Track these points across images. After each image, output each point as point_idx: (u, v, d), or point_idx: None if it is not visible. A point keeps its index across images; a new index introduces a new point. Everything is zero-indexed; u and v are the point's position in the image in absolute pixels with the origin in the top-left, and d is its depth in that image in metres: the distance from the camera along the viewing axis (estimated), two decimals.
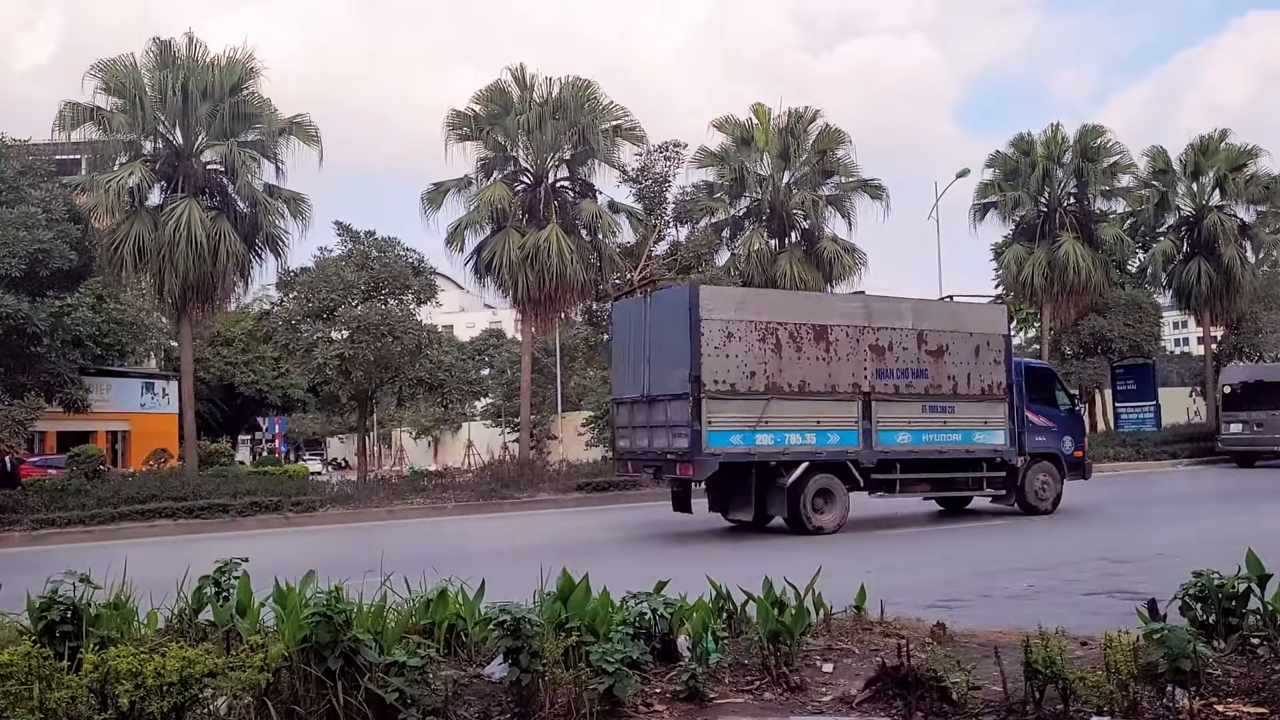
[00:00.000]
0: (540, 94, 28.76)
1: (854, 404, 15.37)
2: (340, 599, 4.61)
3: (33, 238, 20.13)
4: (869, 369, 15.48)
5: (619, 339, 16.86)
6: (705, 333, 14.39)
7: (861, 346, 15.47)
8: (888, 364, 15.63)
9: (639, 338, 15.75)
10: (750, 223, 32.51)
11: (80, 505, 19.65)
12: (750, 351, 14.68)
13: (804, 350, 15.05)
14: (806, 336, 15.10)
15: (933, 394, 15.99)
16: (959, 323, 16.58)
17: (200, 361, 40.66)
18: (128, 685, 4.14)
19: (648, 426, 15.64)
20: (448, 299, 57.53)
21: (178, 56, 26.10)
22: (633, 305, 16.95)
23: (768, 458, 14.83)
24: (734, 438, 14.57)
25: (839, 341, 15.32)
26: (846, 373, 15.33)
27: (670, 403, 14.89)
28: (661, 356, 15.11)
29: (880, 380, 15.54)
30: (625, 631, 5.09)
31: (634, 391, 15.92)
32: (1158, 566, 10.20)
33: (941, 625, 6.33)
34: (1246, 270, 35.98)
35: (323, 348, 24.88)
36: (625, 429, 16.50)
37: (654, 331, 15.37)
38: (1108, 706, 4.53)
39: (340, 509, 21.04)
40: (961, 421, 16.24)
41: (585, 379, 53.93)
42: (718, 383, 14.42)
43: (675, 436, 14.81)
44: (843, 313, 15.80)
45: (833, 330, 15.31)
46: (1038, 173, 35.04)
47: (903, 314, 16.15)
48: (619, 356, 16.78)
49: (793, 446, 14.93)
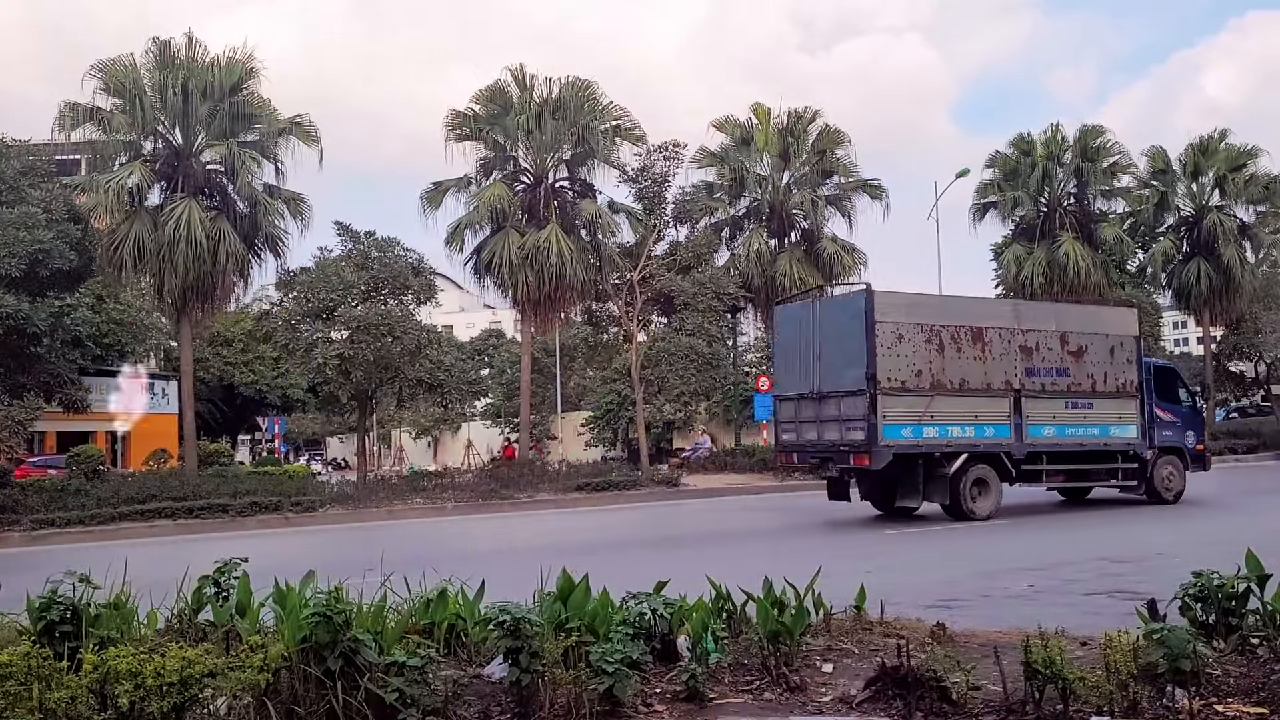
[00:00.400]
0: (540, 94, 28.78)
1: (1006, 400, 16.74)
2: (340, 599, 4.60)
3: (33, 238, 20.12)
4: (1019, 368, 16.85)
5: (784, 339, 18.01)
6: (879, 334, 15.70)
7: (1012, 347, 16.85)
8: (1035, 363, 17.02)
9: (808, 338, 16.94)
10: (750, 223, 32.52)
11: (80, 505, 19.66)
12: (917, 351, 16.02)
13: (963, 350, 16.44)
14: (965, 338, 16.49)
15: (1074, 391, 17.35)
16: (1096, 325, 18.03)
17: (200, 361, 40.65)
18: (127, 685, 4.14)
19: (816, 421, 16.86)
20: (447, 299, 57.57)
21: (177, 56, 26.12)
22: (800, 309, 18.06)
23: (932, 449, 16.18)
24: (904, 430, 15.94)
25: (993, 342, 16.69)
26: (999, 371, 16.71)
27: (843, 398, 16.19)
28: (833, 355, 16.37)
29: (1029, 378, 16.92)
30: (625, 631, 5.08)
31: (802, 388, 17.04)
32: (1158, 566, 10.20)
33: (941, 625, 6.33)
34: (1246, 270, 35.99)
35: (322, 348, 24.88)
36: (790, 423, 17.62)
37: (825, 332, 16.60)
38: (1107, 706, 4.52)
39: (340, 509, 21.04)
40: (1099, 417, 17.58)
41: (585, 379, 53.93)
42: (890, 380, 15.75)
43: (849, 430, 16.12)
44: (996, 316, 17.26)
45: (987, 332, 16.67)
46: (1037, 173, 35.07)
47: (1047, 317, 17.79)
48: (784, 355, 18.00)
49: (954, 439, 16.33)
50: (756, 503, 22.40)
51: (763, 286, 31.20)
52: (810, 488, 25.25)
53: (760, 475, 27.13)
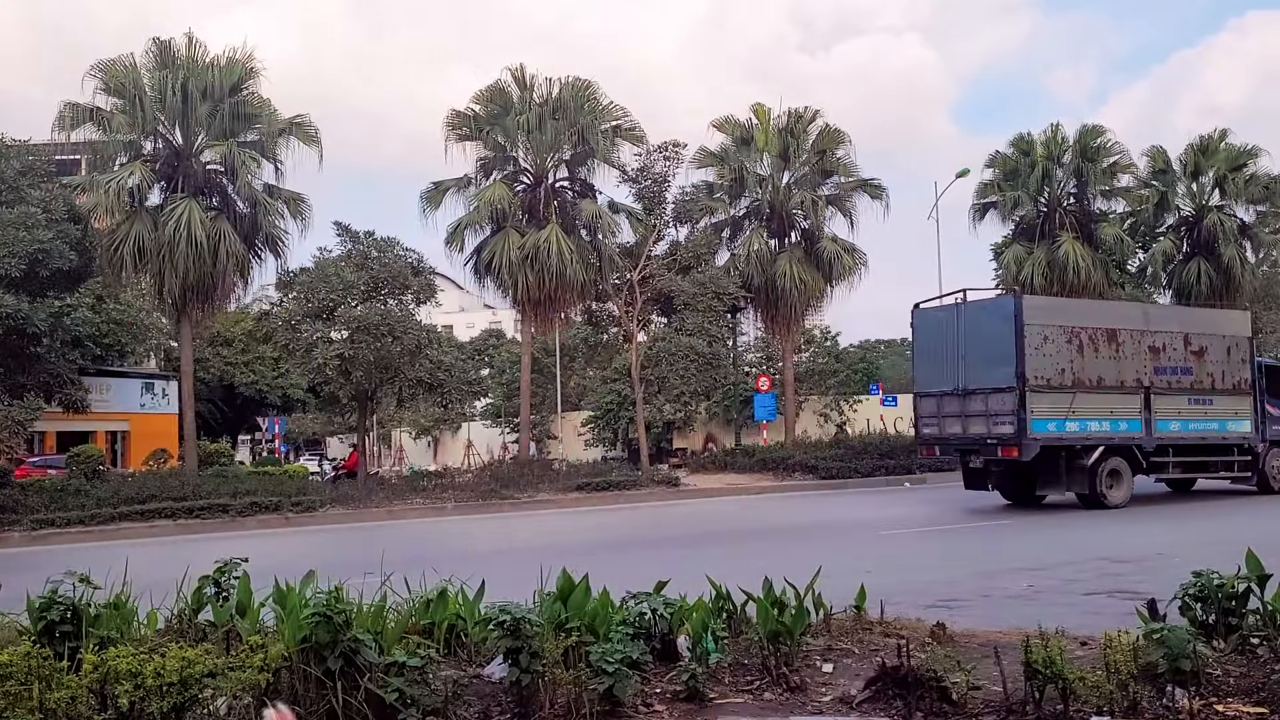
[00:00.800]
0: (540, 94, 28.77)
1: (1137, 397, 18.15)
2: (340, 599, 4.60)
3: (33, 238, 20.12)
4: (1148, 366, 18.31)
5: (924, 340, 19.27)
6: (1028, 336, 17.09)
7: (1142, 347, 18.30)
8: (1162, 362, 18.50)
9: (951, 339, 18.29)
10: (750, 223, 32.48)
11: (80, 505, 19.65)
12: (1060, 352, 17.44)
13: (1099, 350, 17.85)
14: (1101, 339, 17.90)
15: (1196, 388, 18.82)
16: (1215, 327, 19.59)
17: (200, 361, 40.63)
18: (127, 685, 4.14)
19: (961, 415, 18.16)
20: (447, 299, 57.52)
21: (177, 57, 26.11)
22: (941, 312, 19.45)
23: (1073, 442, 17.49)
24: (1050, 425, 17.26)
25: (1125, 343, 18.13)
26: (1131, 370, 18.15)
27: (990, 395, 17.51)
28: (978, 355, 17.71)
29: (1157, 376, 18.37)
30: (625, 631, 5.08)
31: (944, 385, 18.41)
32: (1158, 566, 10.20)
33: (941, 625, 6.33)
34: (1246, 270, 35.94)
35: (322, 348, 24.88)
36: (932, 418, 18.90)
37: (970, 334, 17.98)
38: (1108, 706, 4.52)
39: (340, 509, 21.04)
40: (1218, 412, 19.03)
41: (585, 379, 53.91)
42: (1037, 378, 17.13)
43: (996, 424, 17.42)
44: (1127, 319, 18.76)
45: (1120, 334, 18.12)
46: (1037, 173, 35.02)
47: (1172, 319, 19.52)
48: (924, 355, 19.23)
49: (1091, 433, 17.64)
50: (757, 503, 22.41)
51: (763, 286, 31.18)
52: (810, 487, 25.29)
53: (760, 475, 27.13)
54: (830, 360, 44.81)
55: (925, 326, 19.33)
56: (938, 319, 19.11)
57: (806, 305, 32.52)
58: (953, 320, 18.57)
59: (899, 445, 28.52)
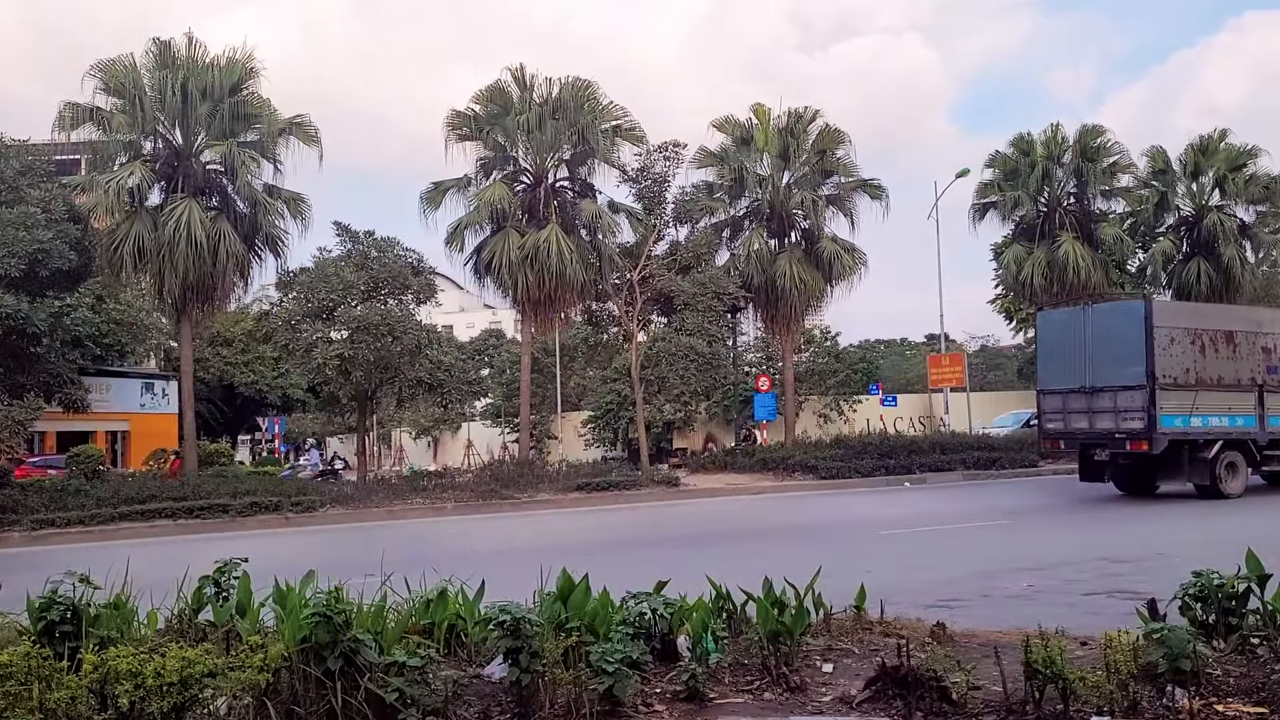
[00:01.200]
0: (540, 94, 28.76)
1: (1251, 394, 19.31)
2: (340, 599, 4.60)
3: (32, 238, 20.11)
4: (1261, 366, 19.50)
5: (1049, 341, 20.66)
6: (1157, 338, 18.31)
7: (1256, 348, 19.50)
8: (1273, 361, 19.66)
9: (1077, 340, 19.41)
10: (750, 223, 32.48)
11: (80, 505, 19.65)
12: (1184, 352, 18.69)
13: (1219, 351, 19.10)
14: (1220, 340, 19.15)
15: None
16: None
17: (200, 361, 40.62)
18: (128, 685, 4.14)
19: (1087, 412, 19.33)
20: (447, 299, 57.53)
21: (177, 56, 26.11)
22: (1067, 314, 20.79)
23: (1196, 436, 18.70)
24: (1176, 421, 18.47)
25: (1240, 344, 19.32)
26: (1246, 369, 19.34)
27: (1119, 392, 18.72)
28: (1106, 355, 18.90)
29: (1269, 375, 19.50)
30: (625, 631, 5.08)
31: (1071, 384, 19.57)
32: (1158, 566, 10.20)
33: (941, 625, 6.33)
34: (1246, 270, 35.95)
35: (322, 348, 24.87)
36: (1057, 414, 20.05)
37: (1098, 335, 19.14)
38: (1108, 706, 4.52)
39: (340, 509, 21.04)
40: None
41: (585, 379, 53.89)
42: (1165, 377, 18.36)
43: (1125, 419, 18.61)
44: (1241, 321, 20.02)
45: (1236, 335, 19.35)
46: (1037, 173, 35.02)
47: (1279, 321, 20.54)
48: (1049, 355, 20.53)
49: (1211, 428, 18.82)
50: (757, 503, 22.41)
51: (763, 286, 31.17)
52: (810, 487, 25.28)
53: (760, 475, 27.12)
54: (830, 360, 44.81)
55: (1048, 328, 20.88)
56: (1062, 321, 20.49)
57: (806, 305, 32.52)
58: (1078, 322, 19.72)
59: (899, 445, 28.52)
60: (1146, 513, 17.45)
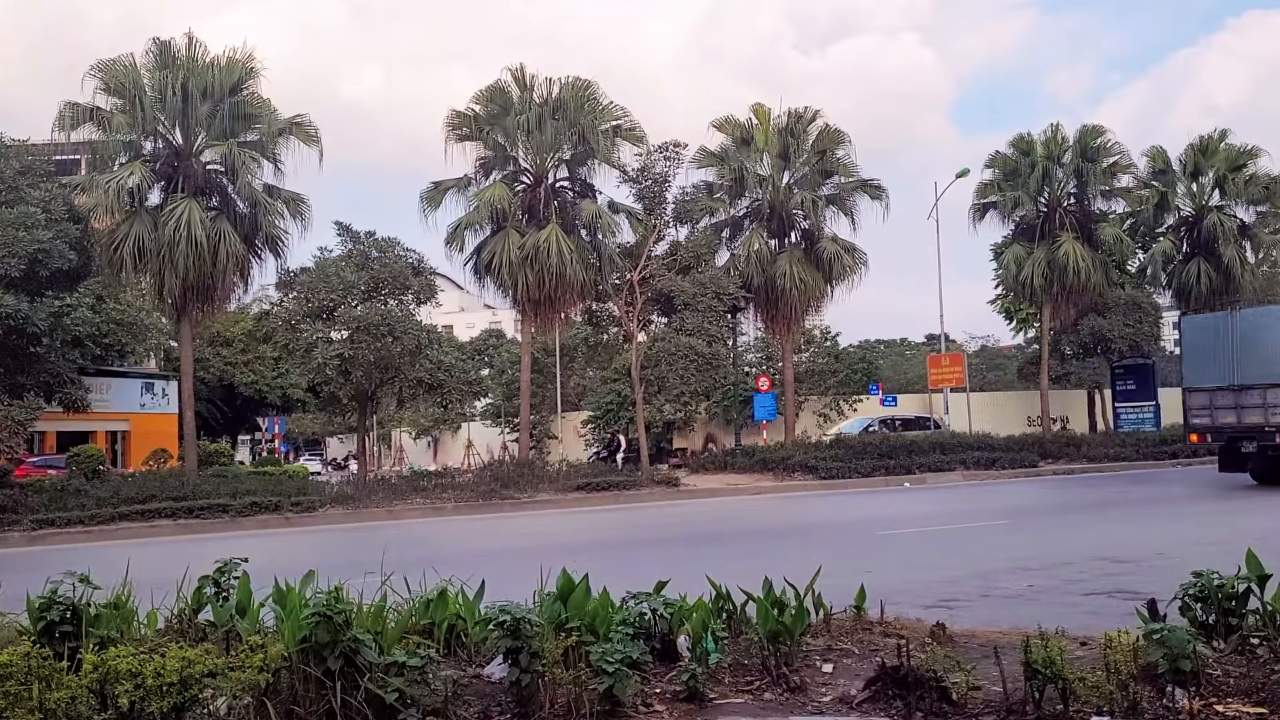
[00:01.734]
0: (540, 94, 28.76)
1: None
2: (340, 599, 4.60)
3: (32, 238, 20.11)
4: None
5: (1194, 343, 22.11)
6: None
7: None
8: None
9: (1225, 342, 20.87)
10: (750, 223, 32.47)
11: (80, 505, 19.65)
12: None
13: None
14: None
15: None
16: None
17: (200, 361, 40.64)
18: (128, 685, 4.14)
19: (1235, 408, 20.71)
20: (447, 299, 57.52)
21: (177, 57, 26.10)
22: (1213, 319, 22.91)
23: None
24: None
25: None
26: None
27: (1269, 389, 20.08)
28: (1255, 355, 20.30)
29: None
30: (625, 631, 5.08)
31: (1218, 381, 21.01)
32: (1158, 566, 10.19)
33: (941, 625, 6.32)
34: (1246, 270, 35.97)
35: (323, 348, 24.88)
36: (1204, 410, 21.42)
37: (1246, 336, 20.62)
38: (1108, 706, 4.52)
39: (340, 509, 21.04)
40: None
41: (585, 379, 53.93)
42: None
43: (1275, 414, 19.99)
44: None
45: None
46: (1037, 173, 35.01)
47: None
48: (1194, 355, 21.92)
49: None
50: (757, 503, 22.41)
51: (763, 286, 31.17)
52: (810, 488, 25.29)
53: (760, 475, 27.13)
54: (830, 360, 44.84)
55: (1194, 331, 22.51)
56: (1208, 324, 22.26)
57: (806, 305, 32.51)
58: (1226, 325, 21.23)
59: (899, 445, 28.52)
60: (1146, 513, 17.40)
